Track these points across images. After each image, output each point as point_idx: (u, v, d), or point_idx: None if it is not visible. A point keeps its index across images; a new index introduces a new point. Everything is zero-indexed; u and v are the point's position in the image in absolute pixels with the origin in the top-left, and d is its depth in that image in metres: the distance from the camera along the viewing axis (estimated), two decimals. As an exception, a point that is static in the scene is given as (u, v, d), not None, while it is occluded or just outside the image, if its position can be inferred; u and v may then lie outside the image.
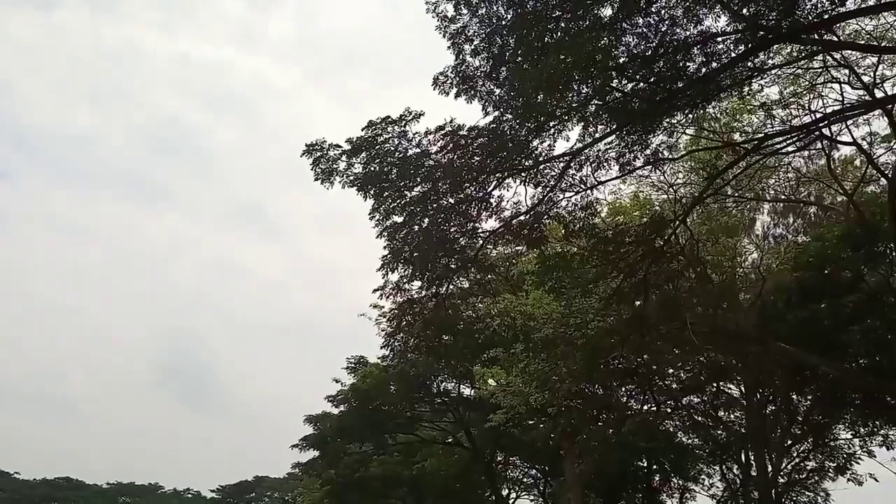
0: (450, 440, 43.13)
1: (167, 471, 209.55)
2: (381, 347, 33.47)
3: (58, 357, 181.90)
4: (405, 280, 13.43)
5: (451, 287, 15.63)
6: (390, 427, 41.22)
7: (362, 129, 12.20)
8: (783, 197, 23.67)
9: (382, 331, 32.74)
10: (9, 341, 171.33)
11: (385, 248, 12.72)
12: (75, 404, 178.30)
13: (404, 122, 12.11)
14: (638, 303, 17.85)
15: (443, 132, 11.94)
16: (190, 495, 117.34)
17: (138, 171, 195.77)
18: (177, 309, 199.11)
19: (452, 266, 13.53)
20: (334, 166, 12.35)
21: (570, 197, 13.30)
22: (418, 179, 12.10)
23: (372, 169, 12.23)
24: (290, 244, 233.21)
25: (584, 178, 12.97)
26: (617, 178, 15.13)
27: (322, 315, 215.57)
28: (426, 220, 12.61)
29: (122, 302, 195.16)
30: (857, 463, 27.65)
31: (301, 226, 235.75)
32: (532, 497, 48.80)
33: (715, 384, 29.96)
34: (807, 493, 29.69)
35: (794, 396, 27.59)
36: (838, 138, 17.19)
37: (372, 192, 12.40)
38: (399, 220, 12.62)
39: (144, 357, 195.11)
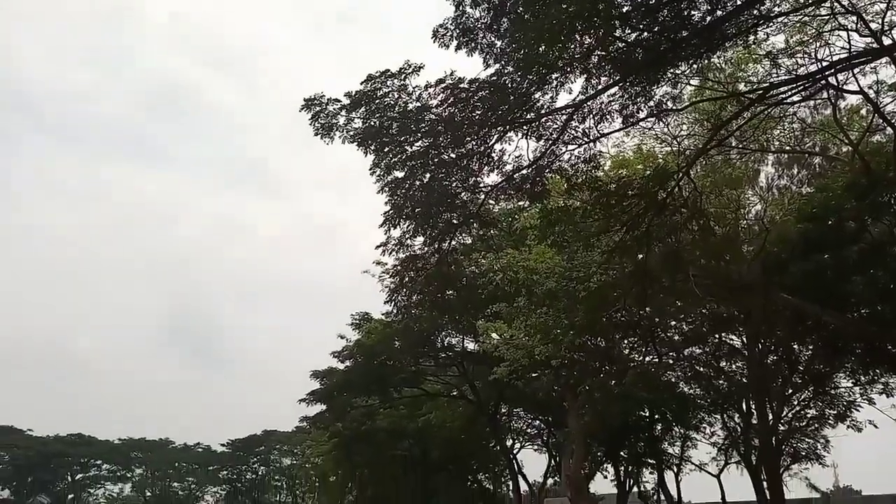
0: (454, 393, 43.78)
1: (177, 426, 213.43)
2: (385, 303, 33.62)
3: (65, 317, 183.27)
4: (407, 236, 13.42)
5: (453, 242, 15.60)
6: (395, 381, 41.79)
7: (361, 83, 12.03)
8: (788, 148, 23.42)
9: (386, 287, 32.86)
10: (16, 303, 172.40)
11: (386, 203, 12.71)
12: (85, 363, 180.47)
13: (404, 75, 11.92)
14: (640, 256, 17.85)
15: (443, 85, 11.76)
16: (200, 449, 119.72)
17: (138, 130, 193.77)
18: (181, 267, 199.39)
19: (454, 221, 13.49)
20: (334, 121, 12.21)
21: (573, 150, 13.17)
22: (419, 134, 11.98)
23: (372, 123, 12.09)
24: (292, 202, 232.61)
25: (586, 130, 12.81)
26: (620, 130, 14.96)
27: (325, 272, 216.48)
28: (427, 175, 12.53)
29: (127, 262, 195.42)
30: (857, 410, 28.10)
31: (303, 183, 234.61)
32: (536, 447, 49.79)
33: (717, 335, 30.20)
34: (807, 440, 30.24)
35: (796, 346, 27.84)
36: (844, 87, 16.92)
37: (372, 147, 12.29)
38: (400, 175, 12.54)
39: (151, 315, 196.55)
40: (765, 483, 27.05)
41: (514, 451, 48.24)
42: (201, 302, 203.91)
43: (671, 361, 32.62)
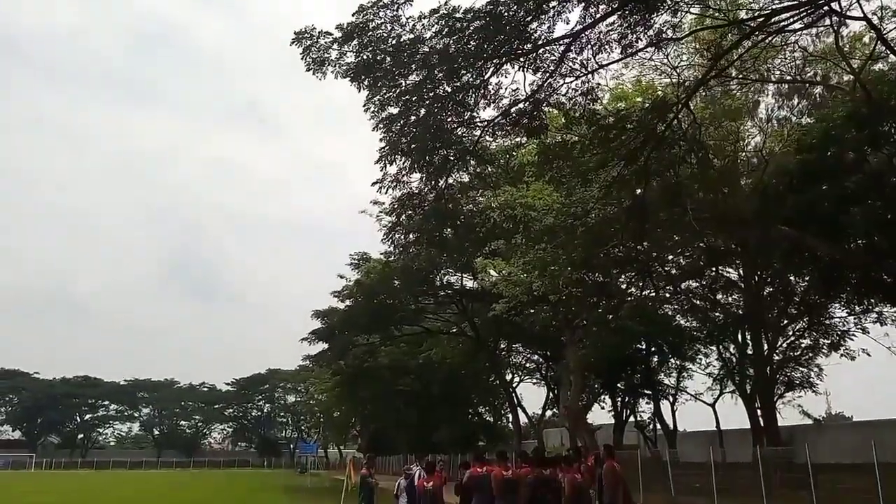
0: (454, 330, 44.35)
1: (182, 367, 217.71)
2: (383, 242, 33.72)
3: (65, 260, 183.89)
4: (404, 173, 13.27)
5: (450, 180, 15.45)
6: (396, 319, 42.22)
7: (353, 15, 11.68)
8: (788, 78, 23.04)
9: (383, 226, 32.85)
10: (14, 247, 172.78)
11: (381, 140, 12.51)
12: (86, 305, 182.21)
13: (396, 6, 11.53)
14: (638, 190, 17.76)
15: (437, 16, 11.39)
16: (205, 389, 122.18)
17: (128, 70, 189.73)
18: (179, 209, 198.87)
19: (451, 157, 13.31)
20: (325, 55, 11.88)
21: (571, 82, 12.87)
22: (413, 67, 11.68)
23: (365, 57, 11.77)
24: (288, 142, 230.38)
25: (584, 62, 12.50)
26: (618, 61, 14.63)
27: (323, 213, 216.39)
28: (422, 110, 12.28)
29: (124, 203, 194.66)
30: (851, 339, 28.59)
31: (299, 123, 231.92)
32: (534, 381, 50.74)
33: (714, 268, 30.40)
34: (801, 368, 30.83)
35: (792, 278, 28.10)
36: (848, 13, 16.49)
37: (366, 82, 12.00)
38: (395, 111, 12.29)
39: (151, 257, 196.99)
40: (759, 411, 27.70)
41: (514, 385, 49.23)
42: (200, 244, 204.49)
43: (668, 295, 32.93)
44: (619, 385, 38.33)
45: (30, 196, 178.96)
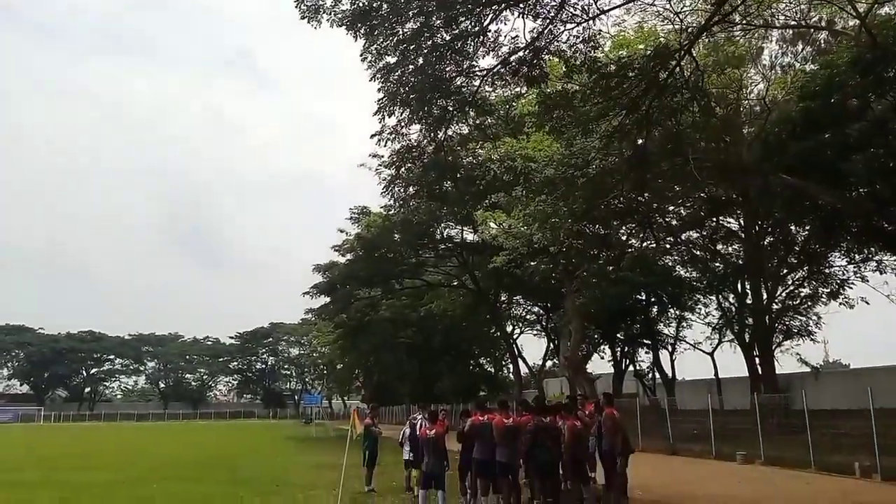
0: (455, 283, 44.56)
1: (185, 322, 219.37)
2: (382, 195, 33.64)
3: (62, 219, 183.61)
4: (403, 124, 13.09)
5: (449, 131, 15.27)
6: (396, 273, 42.40)
7: (348, -40, 11.35)
8: (793, 23, 22.56)
9: (383, 180, 32.73)
10: (12, 207, 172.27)
11: (379, 91, 12.30)
12: (85, 263, 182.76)
13: (392, -50, 11.22)
14: (640, 140, 17.57)
15: (434, -40, 11.09)
16: (209, 342, 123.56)
17: (119, 24, 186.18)
18: (175, 165, 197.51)
19: (450, 108, 13.11)
20: (320, 2, 11.61)
21: (571, 29, 12.55)
22: (410, 14, 11.37)
23: (360, 4, 11.50)
24: (284, 97, 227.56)
25: (585, 7, 12.16)
26: (621, 6, 14.32)
27: (321, 168, 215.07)
28: (420, 59, 12.02)
29: (120, 161, 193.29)
30: (850, 288, 28.75)
31: (297, 78, 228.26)
32: (535, 332, 51.26)
33: (714, 218, 30.34)
34: (799, 317, 31.09)
35: (793, 227, 28.09)
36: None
37: (362, 30, 11.75)
38: (392, 60, 12.04)
39: (148, 215, 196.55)
40: (757, 359, 28.02)
41: (514, 337, 49.74)
42: (198, 199, 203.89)
43: (668, 246, 32.96)
44: (618, 335, 38.72)
45: (20, 156, 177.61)
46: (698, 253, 32.38)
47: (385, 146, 14.65)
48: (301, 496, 13.59)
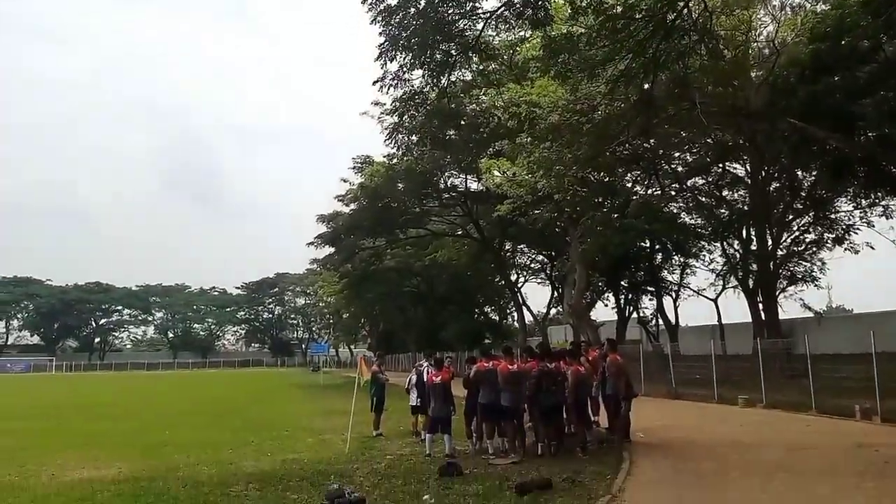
0: (459, 232, 44.54)
1: (190, 272, 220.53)
2: (385, 142, 33.29)
3: (64, 168, 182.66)
4: (405, 70, 12.81)
5: (452, 77, 15.00)
6: (400, 222, 42.31)
7: None
8: (806, -39, 21.91)
9: (385, 128, 32.35)
10: (14, 156, 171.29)
11: (381, 34, 12.02)
12: (89, 214, 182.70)
13: None
14: (646, 85, 17.26)
15: None
16: (216, 293, 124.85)
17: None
18: (177, 113, 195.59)
19: (453, 52, 12.85)
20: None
21: (577, -31, 12.26)
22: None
23: (361, -55, 11.19)
24: (284, 44, 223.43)
25: (591, -55, 11.85)
26: (628, -56, 13.83)
27: (323, 118, 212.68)
28: (422, 1, 11.78)
29: (121, 108, 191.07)
30: (855, 233, 28.71)
31: (296, 27, 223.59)
32: (539, 280, 51.55)
33: (721, 164, 30.09)
34: (804, 263, 31.12)
35: (799, 172, 27.85)
36: None
37: (362, -30, 11.46)
38: (393, 2, 11.78)
39: (151, 163, 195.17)
40: (760, 305, 28.15)
41: (519, 285, 49.98)
42: (201, 148, 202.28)
43: (673, 193, 32.79)
44: (622, 283, 38.87)
45: (19, 103, 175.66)
46: (704, 199, 32.22)
47: (387, 93, 14.42)
48: (311, 440, 13.88)
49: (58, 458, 11.90)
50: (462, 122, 32.42)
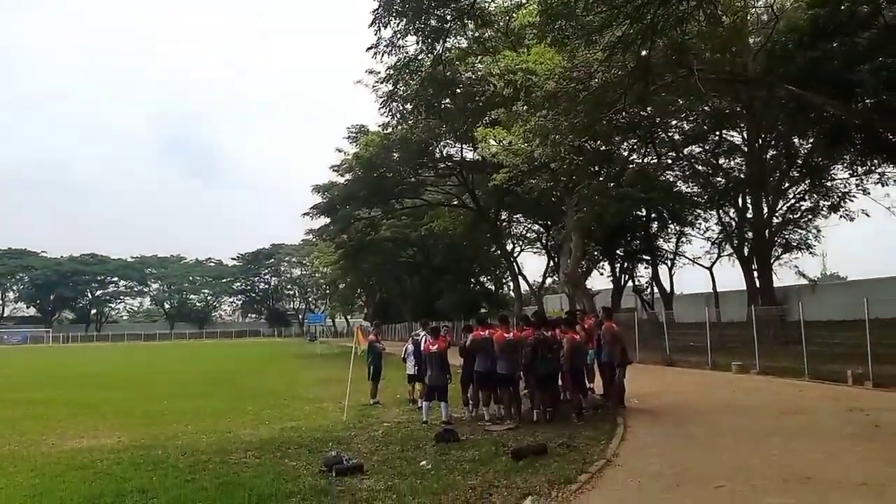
0: (455, 202, 44.45)
1: (186, 243, 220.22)
2: (380, 113, 33.02)
3: (60, 142, 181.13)
4: (399, 36, 12.68)
5: (447, 44, 14.83)
6: (396, 192, 42.18)
7: None
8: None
9: (380, 97, 32.03)
10: (9, 126, 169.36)
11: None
12: (85, 185, 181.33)
13: None
14: (644, 52, 17.08)
15: None
16: (212, 263, 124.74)
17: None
18: (171, 86, 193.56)
19: (448, 18, 12.68)
20: None
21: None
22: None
23: None
24: (279, 13, 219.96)
25: None
26: None
27: (320, 89, 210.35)
28: (417, -34, 11.59)
29: (116, 82, 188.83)
30: (851, 201, 28.74)
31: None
32: (535, 250, 51.67)
33: (717, 132, 29.96)
34: (799, 230, 31.19)
35: (796, 140, 27.78)
36: None
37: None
38: (387, -33, 11.60)
39: (147, 136, 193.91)
40: (755, 272, 28.26)
41: (515, 255, 50.09)
42: (195, 120, 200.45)
43: (670, 161, 32.69)
44: (618, 251, 38.91)
45: (13, 77, 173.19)
46: (700, 168, 32.14)
47: (381, 60, 14.26)
48: (308, 409, 14.00)
49: (57, 428, 11.99)
50: (457, 91, 32.12)
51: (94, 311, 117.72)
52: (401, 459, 8.42)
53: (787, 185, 29.40)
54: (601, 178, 29.83)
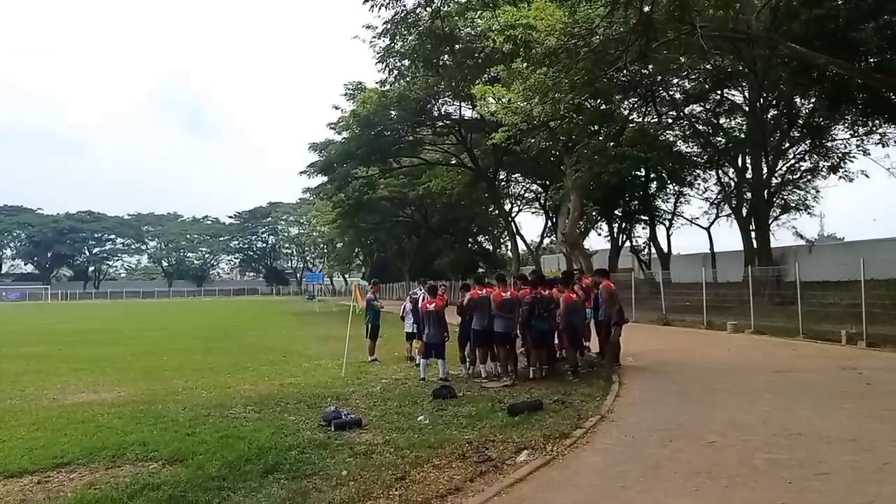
0: (453, 161, 44.18)
1: (182, 202, 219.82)
2: (377, 67, 32.56)
3: (53, 95, 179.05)
4: (398, -12, 12.44)
5: (447, -3, 14.52)
6: (394, 151, 41.91)
7: None
8: None
9: (377, 52, 31.57)
10: (2, 79, 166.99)
11: (373, -48, 11.55)
12: (80, 140, 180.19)
13: None
14: (646, 8, 16.77)
15: None
16: (209, 222, 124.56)
17: None
18: (164, 40, 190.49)
19: (447, -29, 12.42)
20: None
21: None
22: None
23: None
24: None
25: None
26: None
27: (316, 46, 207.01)
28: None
29: (109, 36, 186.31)
30: (851, 161, 28.63)
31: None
32: (533, 210, 51.58)
33: (719, 91, 29.64)
34: (798, 191, 31.11)
35: (798, 100, 27.53)
36: None
37: None
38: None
39: (141, 90, 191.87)
40: (753, 233, 28.28)
41: (513, 215, 50.00)
42: (189, 75, 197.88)
43: (670, 121, 32.40)
44: (616, 212, 38.83)
45: (4, 30, 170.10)
46: (701, 127, 31.89)
47: (378, 14, 14.00)
48: (307, 365, 14.12)
49: (57, 383, 12.10)
50: (456, 47, 31.63)
51: (91, 269, 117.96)
52: (398, 415, 8.53)
53: (787, 145, 29.23)
54: (601, 138, 29.57)
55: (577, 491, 5.41)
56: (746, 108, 28.68)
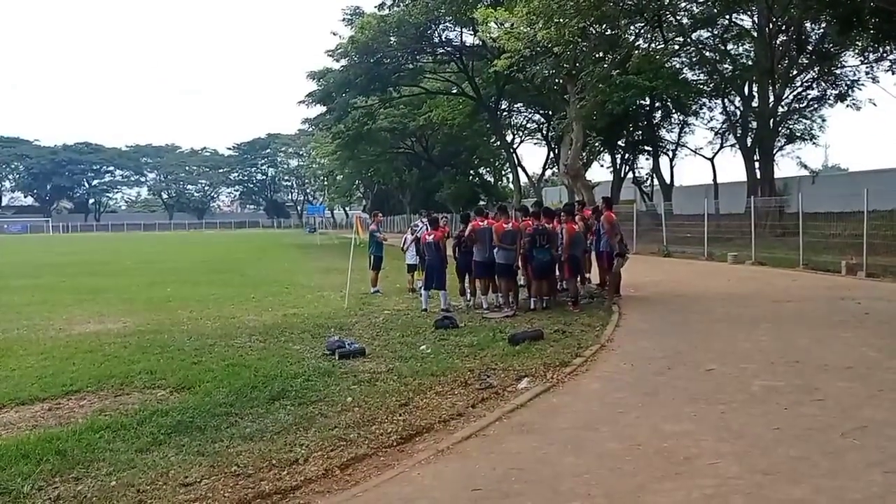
0: (454, 90, 43.34)
1: (180, 132, 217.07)
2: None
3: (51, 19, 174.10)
4: None
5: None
6: (394, 80, 41.00)
7: None
8: None
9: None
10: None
11: None
12: (76, 66, 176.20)
13: None
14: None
15: None
16: (208, 153, 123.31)
17: None
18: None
19: None
20: None
21: None
22: None
23: None
24: None
25: None
26: None
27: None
28: None
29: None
30: (859, 89, 28.16)
31: None
32: (535, 141, 50.99)
33: (727, 16, 28.81)
34: (804, 120, 30.70)
35: (808, 25, 26.83)
36: None
37: None
38: None
39: (140, 22, 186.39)
40: (756, 163, 28.02)
41: (514, 146, 49.46)
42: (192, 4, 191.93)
43: (677, 47, 31.60)
44: (619, 142, 38.41)
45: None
46: (708, 54, 31.16)
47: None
48: (310, 297, 14.23)
49: (63, 314, 12.21)
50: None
51: (91, 201, 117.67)
52: (401, 344, 8.65)
53: (795, 72, 28.65)
54: (605, 65, 28.89)
55: (576, 416, 5.53)
56: (755, 34, 27.94)
